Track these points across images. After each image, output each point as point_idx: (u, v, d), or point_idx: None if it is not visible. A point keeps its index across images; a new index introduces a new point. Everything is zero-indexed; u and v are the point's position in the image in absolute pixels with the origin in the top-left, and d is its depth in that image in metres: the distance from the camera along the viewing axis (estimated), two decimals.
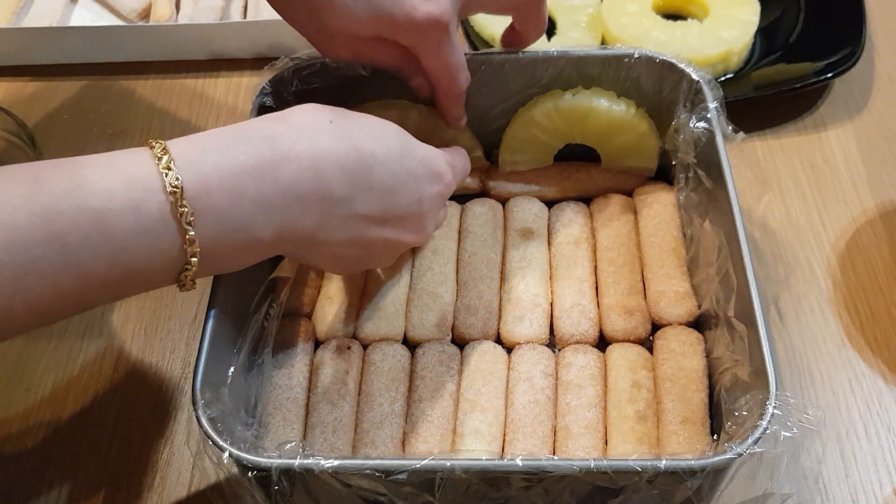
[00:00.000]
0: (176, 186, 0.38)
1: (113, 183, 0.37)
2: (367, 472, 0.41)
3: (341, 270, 0.54)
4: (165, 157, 0.39)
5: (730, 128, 0.54)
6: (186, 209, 0.38)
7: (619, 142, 0.60)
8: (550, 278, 0.57)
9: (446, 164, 0.50)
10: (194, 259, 0.39)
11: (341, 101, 0.59)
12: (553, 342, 0.55)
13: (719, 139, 0.53)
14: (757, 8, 0.72)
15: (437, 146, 0.62)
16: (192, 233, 0.39)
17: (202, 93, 0.73)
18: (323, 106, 0.46)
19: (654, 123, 0.59)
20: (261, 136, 0.42)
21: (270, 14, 0.73)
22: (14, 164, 0.38)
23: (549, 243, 0.59)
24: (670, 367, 0.51)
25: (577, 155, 0.62)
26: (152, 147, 0.40)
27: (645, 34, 0.71)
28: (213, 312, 0.47)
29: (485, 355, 0.53)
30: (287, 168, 0.41)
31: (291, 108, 0.45)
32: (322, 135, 0.43)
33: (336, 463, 0.41)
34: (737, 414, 0.44)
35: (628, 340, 0.54)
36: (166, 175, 0.38)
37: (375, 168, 0.44)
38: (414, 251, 0.58)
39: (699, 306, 0.54)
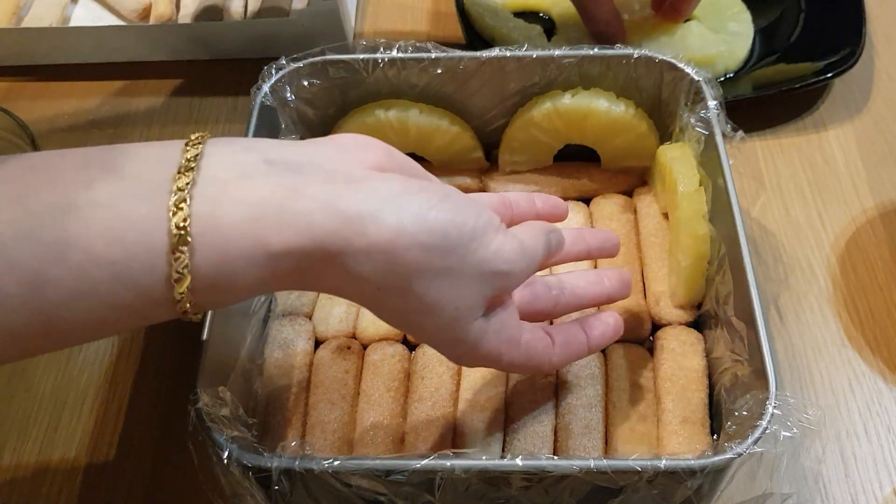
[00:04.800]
0: (182, 230, 0.33)
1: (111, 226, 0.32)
2: (367, 471, 0.41)
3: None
4: (184, 197, 0.33)
5: (729, 126, 0.54)
6: (184, 255, 0.33)
7: (618, 142, 0.60)
8: None
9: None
10: (181, 297, 0.34)
11: (341, 101, 0.60)
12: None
13: (719, 139, 0.53)
14: (748, 19, 0.73)
15: (440, 147, 0.62)
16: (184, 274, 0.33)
17: (202, 93, 0.73)
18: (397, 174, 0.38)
19: (654, 123, 0.59)
20: (329, 206, 0.34)
21: (270, 14, 0.74)
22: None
23: None
24: (670, 367, 0.51)
25: (577, 155, 0.62)
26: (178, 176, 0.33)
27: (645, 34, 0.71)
28: (213, 312, 0.47)
29: None
30: (349, 257, 0.35)
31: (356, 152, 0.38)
32: (409, 205, 0.35)
33: (336, 463, 0.41)
34: (737, 414, 0.44)
35: (628, 340, 0.54)
36: (174, 216, 0.33)
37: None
38: None
39: (699, 306, 0.54)
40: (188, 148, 0.35)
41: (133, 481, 0.52)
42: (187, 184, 0.33)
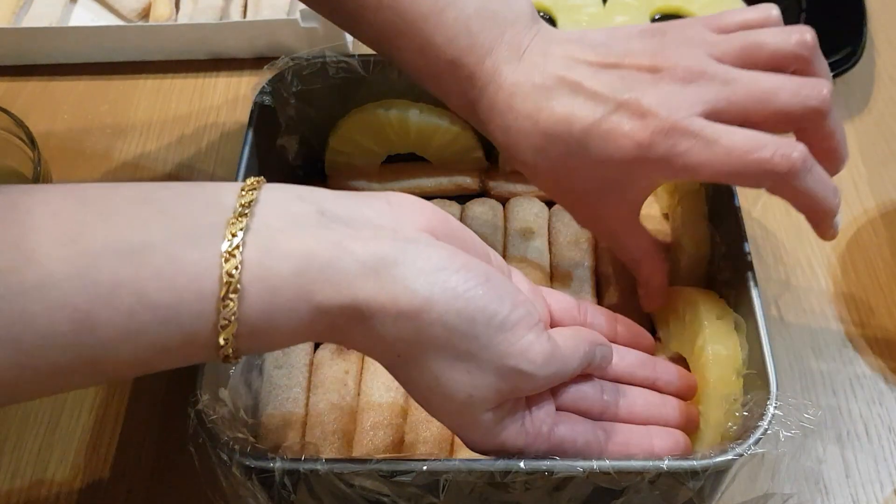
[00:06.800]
0: (233, 278, 0.33)
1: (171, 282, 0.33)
2: (372, 472, 0.41)
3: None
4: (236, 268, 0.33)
5: None
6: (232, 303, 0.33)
7: None
8: (550, 278, 0.57)
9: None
10: (225, 342, 0.34)
11: (341, 101, 0.60)
12: None
13: None
14: None
15: (440, 147, 0.61)
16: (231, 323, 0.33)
17: (202, 93, 0.73)
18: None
19: None
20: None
21: (270, 14, 0.74)
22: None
23: (550, 243, 0.59)
24: None
25: None
26: (231, 241, 0.33)
27: None
28: None
29: None
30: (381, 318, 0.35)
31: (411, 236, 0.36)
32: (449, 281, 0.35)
33: (342, 464, 0.41)
34: (737, 414, 0.44)
35: None
36: (226, 263, 0.33)
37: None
38: None
39: None
40: (244, 193, 0.35)
41: (133, 483, 0.52)
42: (241, 230, 0.33)
